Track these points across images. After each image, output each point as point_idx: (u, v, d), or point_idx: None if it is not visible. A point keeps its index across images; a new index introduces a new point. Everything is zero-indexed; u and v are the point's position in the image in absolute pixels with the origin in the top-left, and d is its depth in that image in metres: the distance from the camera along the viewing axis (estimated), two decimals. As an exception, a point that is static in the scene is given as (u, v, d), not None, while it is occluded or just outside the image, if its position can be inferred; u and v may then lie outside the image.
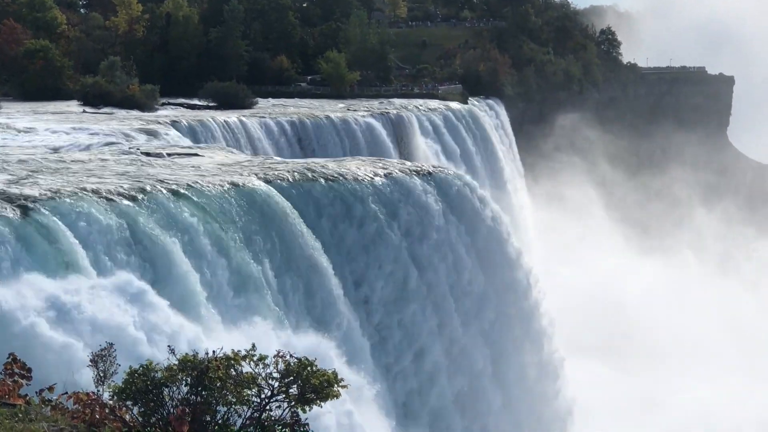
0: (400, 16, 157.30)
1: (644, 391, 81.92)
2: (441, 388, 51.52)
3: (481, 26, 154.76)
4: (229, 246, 40.78)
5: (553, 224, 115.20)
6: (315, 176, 48.86)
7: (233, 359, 18.12)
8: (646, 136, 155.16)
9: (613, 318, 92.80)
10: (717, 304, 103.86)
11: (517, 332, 56.30)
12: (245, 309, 39.90)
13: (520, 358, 56.41)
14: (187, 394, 17.82)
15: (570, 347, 63.17)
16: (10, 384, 17.56)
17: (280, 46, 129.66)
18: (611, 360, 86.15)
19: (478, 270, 53.79)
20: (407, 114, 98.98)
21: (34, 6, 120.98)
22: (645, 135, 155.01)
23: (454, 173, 57.63)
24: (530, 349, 57.11)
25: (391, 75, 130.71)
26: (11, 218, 34.53)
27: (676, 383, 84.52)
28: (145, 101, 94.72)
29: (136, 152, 57.03)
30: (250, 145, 78.81)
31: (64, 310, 31.43)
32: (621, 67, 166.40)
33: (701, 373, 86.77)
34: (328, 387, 18.26)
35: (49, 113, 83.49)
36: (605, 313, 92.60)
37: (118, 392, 17.85)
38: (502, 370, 55.10)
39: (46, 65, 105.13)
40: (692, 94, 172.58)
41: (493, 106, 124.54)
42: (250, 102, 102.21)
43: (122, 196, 39.39)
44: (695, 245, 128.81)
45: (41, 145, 59.98)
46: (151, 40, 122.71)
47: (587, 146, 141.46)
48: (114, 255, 35.97)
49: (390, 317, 49.37)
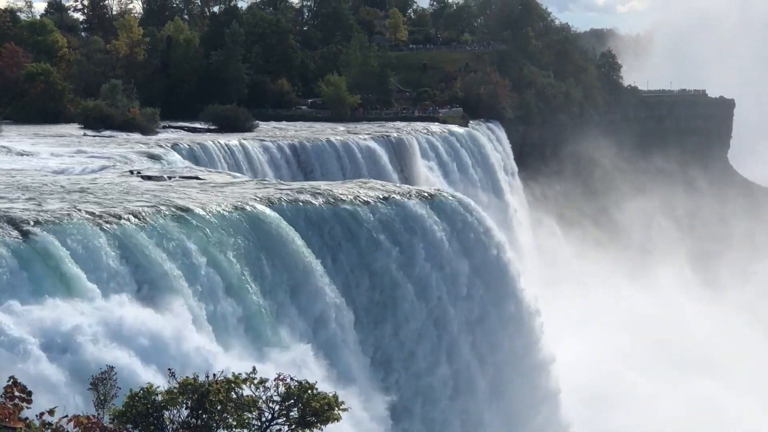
0: (400, 39, 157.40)
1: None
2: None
3: (482, 49, 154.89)
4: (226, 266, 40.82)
5: (552, 245, 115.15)
6: (315, 198, 48.89)
7: (234, 382, 18.09)
8: (646, 158, 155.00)
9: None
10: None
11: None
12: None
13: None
14: (187, 417, 17.78)
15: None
16: (10, 407, 17.49)
17: (280, 69, 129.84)
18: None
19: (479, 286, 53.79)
20: (408, 137, 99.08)
21: (35, 29, 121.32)
22: (646, 157, 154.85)
23: (454, 196, 57.57)
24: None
25: (392, 98, 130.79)
26: (10, 241, 34.53)
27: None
28: (146, 124, 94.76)
29: (137, 175, 57.10)
30: (250, 168, 78.86)
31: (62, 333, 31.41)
32: (621, 90, 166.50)
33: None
34: (328, 410, 18.23)
35: (50, 137, 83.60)
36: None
37: (119, 415, 17.81)
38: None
39: (46, 88, 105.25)
40: (692, 117, 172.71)
41: (493, 129, 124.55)
42: (250, 125, 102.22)
43: (122, 218, 39.38)
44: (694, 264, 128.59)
45: (42, 168, 60.05)
46: (152, 64, 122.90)
47: (587, 169, 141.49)
48: (112, 277, 35.94)
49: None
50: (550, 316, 59.21)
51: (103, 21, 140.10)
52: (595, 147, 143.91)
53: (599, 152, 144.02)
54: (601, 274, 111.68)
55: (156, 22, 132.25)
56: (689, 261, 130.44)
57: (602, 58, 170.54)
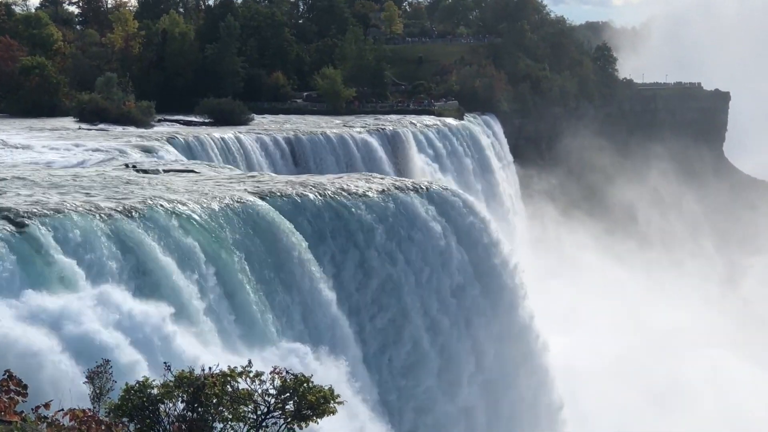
0: (396, 33, 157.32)
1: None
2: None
3: (477, 42, 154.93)
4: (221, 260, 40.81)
5: (546, 237, 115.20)
6: (311, 192, 48.84)
7: (229, 375, 18.07)
8: (641, 151, 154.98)
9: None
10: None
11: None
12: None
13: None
14: (183, 411, 17.75)
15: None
16: (5, 401, 17.46)
17: (276, 62, 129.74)
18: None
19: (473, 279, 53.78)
20: (403, 130, 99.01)
21: (30, 23, 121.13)
22: (641, 150, 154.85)
23: (450, 189, 57.54)
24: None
25: (387, 91, 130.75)
26: (6, 233, 34.50)
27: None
28: (141, 118, 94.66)
29: (132, 168, 57.02)
30: (246, 161, 78.81)
31: (58, 324, 31.39)
32: (617, 83, 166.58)
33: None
34: (324, 403, 18.20)
35: (45, 130, 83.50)
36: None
37: (114, 409, 17.78)
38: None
39: (42, 82, 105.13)
40: (688, 110, 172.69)
41: (488, 121, 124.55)
42: (246, 118, 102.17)
43: (117, 212, 39.32)
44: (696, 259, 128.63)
45: (36, 161, 59.98)
46: (148, 57, 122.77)
47: (582, 161, 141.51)
48: (107, 270, 35.91)
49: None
50: (543, 307, 59.40)
51: (98, 14, 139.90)
52: (590, 140, 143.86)
53: (594, 145, 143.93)
54: (598, 265, 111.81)
55: (151, 16, 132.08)
56: (687, 252, 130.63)
57: (598, 51, 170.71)
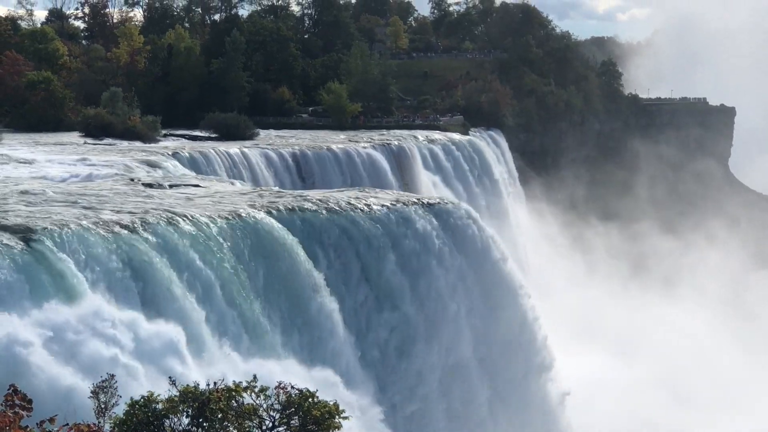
0: (401, 48, 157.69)
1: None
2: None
3: (483, 57, 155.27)
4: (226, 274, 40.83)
5: (553, 251, 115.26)
6: (316, 206, 48.86)
7: (234, 390, 18.05)
8: (647, 165, 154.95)
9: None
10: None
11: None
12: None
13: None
14: (188, 426, 17.72)
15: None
16: (10, 415, 17.45)
17: (281, 77, 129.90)
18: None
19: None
20: (409, 145, 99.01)
21: (36, 38, 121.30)
22: (646, 165, 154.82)
23: (456, 204, 57.54)
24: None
25: (393, 106, 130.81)
26: (13, 248, 34.52)
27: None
28: (147, 132, 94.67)
29: (138, 183, 57.07)
30: (251, 176, 78.82)
31: (65, 339, 31.40)
32: (622, 98, 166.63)
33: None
34: (329, 418, 18.17)
35: (51, 145, 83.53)
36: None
37: (119, 423, 17.76)
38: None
39: (47, 96, 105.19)
40: (693, 124, 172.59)
41: (494, 136, 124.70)
42: (251, 133, 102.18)
43: (122, 227, 39.37)
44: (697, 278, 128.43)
45: (42, 176, 60.03)
46: (153, 72, 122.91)
47: (588, 176, 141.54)
48: (113, 285, 35.94)
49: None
50: (551, 323, 59.42)
51: (103, 29, 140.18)
52: (595, 154, 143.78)
53: (600, 159, 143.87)
54: (603, 280, 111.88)
55: (157, 30, 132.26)
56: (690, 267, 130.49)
57: (603, 66, 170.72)
